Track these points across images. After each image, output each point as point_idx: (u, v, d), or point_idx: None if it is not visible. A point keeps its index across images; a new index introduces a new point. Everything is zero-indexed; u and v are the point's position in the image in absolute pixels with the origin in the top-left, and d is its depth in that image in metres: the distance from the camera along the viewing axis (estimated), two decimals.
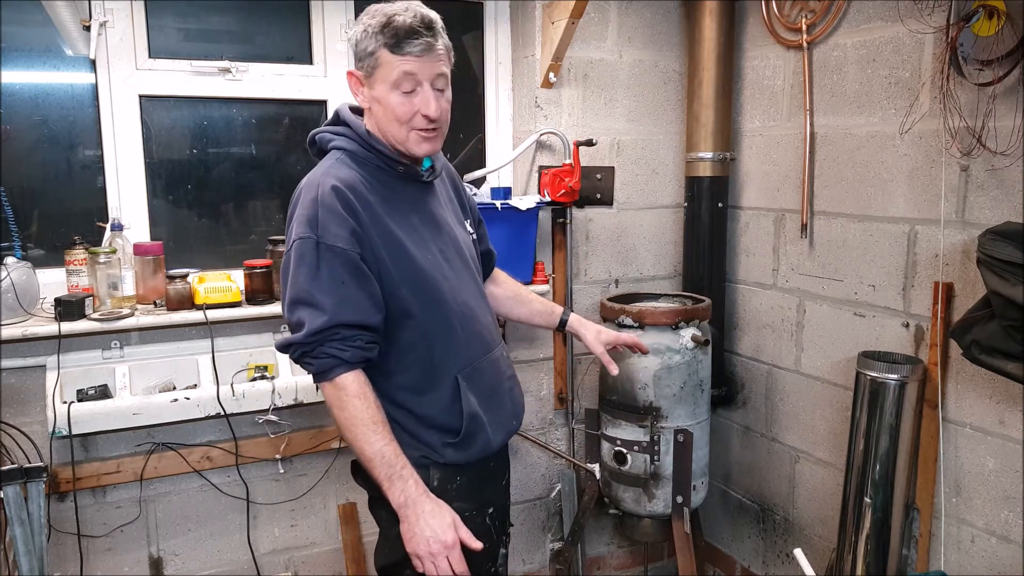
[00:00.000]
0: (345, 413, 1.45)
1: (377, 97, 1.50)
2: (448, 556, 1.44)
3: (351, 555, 2.51)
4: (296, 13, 2.45)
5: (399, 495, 1.45)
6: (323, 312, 1.43)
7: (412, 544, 1.46)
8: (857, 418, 2.18)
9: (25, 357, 2.11)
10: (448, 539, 1.45)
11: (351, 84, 1.55)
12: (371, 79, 1.50)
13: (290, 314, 1.47)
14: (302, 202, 1.48)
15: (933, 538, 2.16)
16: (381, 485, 1.46)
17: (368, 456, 1.45)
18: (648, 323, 2.34)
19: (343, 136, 1.57)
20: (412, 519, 1.45)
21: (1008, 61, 1.85)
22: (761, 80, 2.66)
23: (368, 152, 1.55)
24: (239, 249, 2.46)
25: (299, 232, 1.45)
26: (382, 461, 1.45)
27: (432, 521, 1.45)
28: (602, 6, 2.66)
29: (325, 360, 1.45)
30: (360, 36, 1.48)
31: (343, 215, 1.45)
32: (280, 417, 2.32)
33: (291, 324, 1.48)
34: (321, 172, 1.51)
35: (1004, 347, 1.78)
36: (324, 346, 1.44)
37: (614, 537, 3.02)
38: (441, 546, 1.44)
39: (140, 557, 2.31)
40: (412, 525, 1.45)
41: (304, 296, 1.44)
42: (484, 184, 2.66)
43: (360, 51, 1.49)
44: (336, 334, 1.44)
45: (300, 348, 1.46)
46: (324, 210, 1.45)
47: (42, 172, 2.25)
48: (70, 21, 2.19)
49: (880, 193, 2.26)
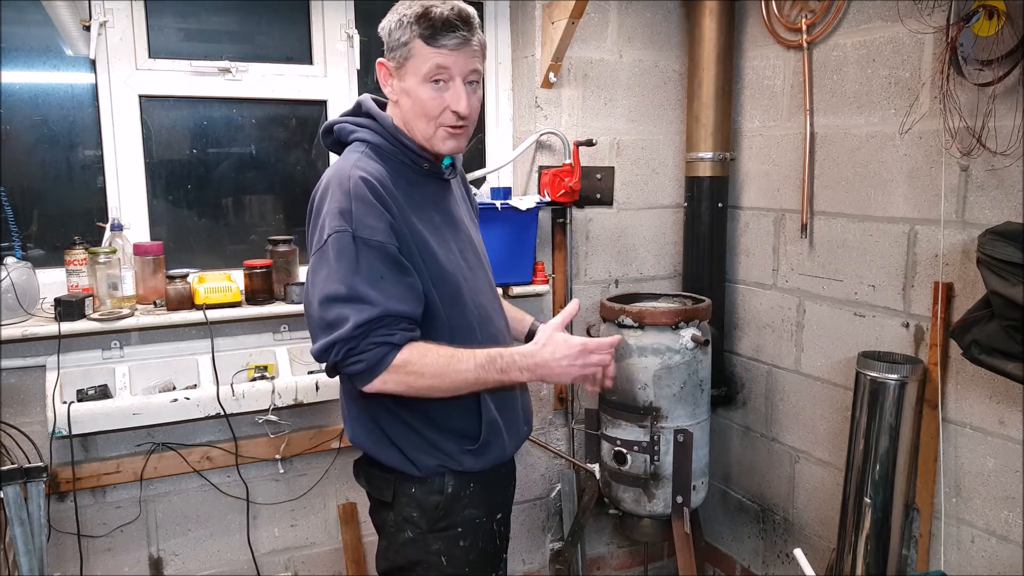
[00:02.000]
0: (423, 380, 1.39)
1: (407, 89, 1.45)
2: (590, 357, 1.45)
3: (351, 555, 2.51)
4: (296, 13, 2.45)
5: (521, 373, 1.44)
6: (369, 305, 1.35)
7: (566, 378, 1.47)
8: (857, 418, 2.18)
9: (25, 357, 2.11)
10: (579, 347, 1.45)
11: (380, 74, 1.50)
12: (402, 70, 1.45)
13: (325, 311, 1.37)
14: (332, 195, 1.40)
15: (933, 538, 2.16)
16: (502, 383, 1.45)
17: (471, 381, 1.42)
18: (648, 323, 2.34)
19: (366, 128, 1.51)
20: (550, 368, 1.44)
21: (1008, 61, 1.85)
22: (761, 80, 2.66)
23: (393, 147, 1.50)
24: (239, 249, 2.47)
25: (334, 226, 1.37)
26: (485, 372, 1.41)
27: (557, 354, 1.45)
28: (602, 6, 2.66)
29: (375, 350, 1.36)
30: (394, 25, 1.43)
31: (379, 208, 1.39)
32: (280, 417, 2.32)
33: (326, 324, 1.37)
34: (350, 164, 1.44)
35: (1004, 347, 1.78)
36: (370, 337, 1.36)
37: (614, 537, 3.02)
38: (584, 358, 1.45)
39: (140, 557, 2.31)
40: (553, 370, 1.44)
41: (345, 292, 1.36)
42: (484, 184, 2.66)
43: (393, 40, 1.44)
44: (381, 323, 1.37)
45: (345, 345, 1.36)
46: (358, 203, 1.38)
47: (42, 172, 2.25)
48: (70, 21, 2.19)
49: (880, 193, 2.26)
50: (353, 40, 2.48)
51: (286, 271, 2.35)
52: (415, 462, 1.51)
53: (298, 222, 2.56)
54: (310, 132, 2.55)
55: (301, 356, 2.36)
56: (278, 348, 2.34)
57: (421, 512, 1.52)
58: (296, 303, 2.28)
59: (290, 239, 2.37)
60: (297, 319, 2.39)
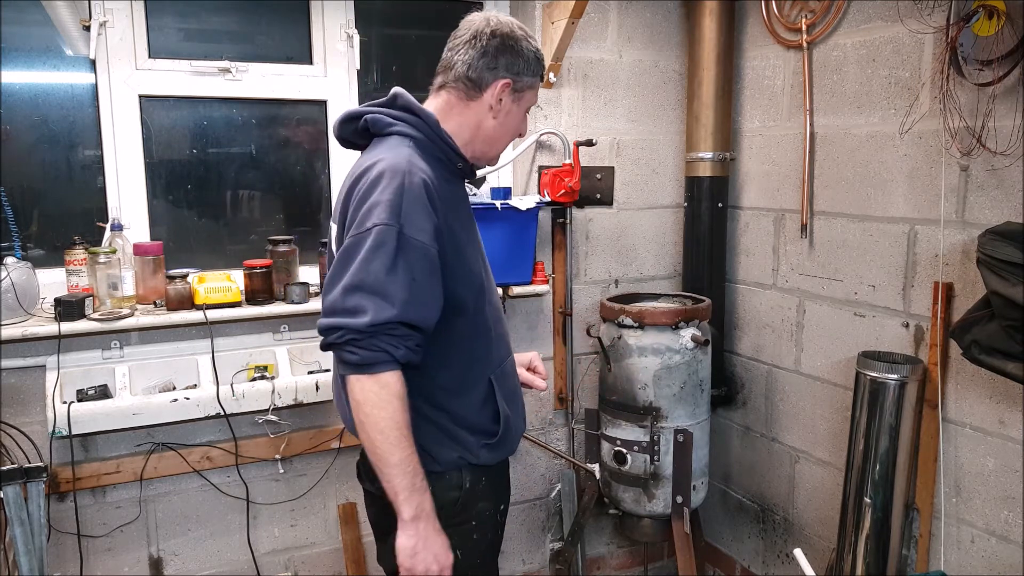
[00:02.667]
0: (383, 412, 1.37)
1: (513, 112, 1.58)
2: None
3: (351, 555, 2.51)
4: (296, 13, 2.45)
5: (416, 508, 1.40)
6: (392, 306, 1.35)
7: (413, 560, 1.41)
8: (857, 418, 2.18)
9: (25, 357, 2.11)
10: (448, 563, 1.44)
11: (499, 90, 1.53)
12: (519, 95, 1.57)
13: (345, 298, 1.37)
14: (385, 187, 1.39)
15: (933, 538, 2.16)
16: (397, 495, 1.40)
17: (393, 462, 1.38)
18: (648, 323, 2.34)
19: (406, 123, 1.51)
20: (422, 534, 1.41)
21: (1008, 61, 1.85)
22: (761, 80, 2.66)
23: (434, 144, 1.52)
24: (239, 249, 2.46)
25: (381, 219, 1.37)
26: (406, 471, 1.39)
27: (439, 539, 1.43)
28: (602, 6, 2.66)
29: (376, 353, 1.36)
30: (531, 57, 1.55)
31: (429, 209, 1.41)
32: (280, 417, 2.32)
33: (342, 309, 1.37)
34: (404, 159, 1.43)
35: (1004, 347, 1.78)
36: (378, 338, 1.36)
37: (614, 537, 3.02)
38: (441, 567, 1.42)
39: (140, 557, 2.31)
40: (420, 541, 1.41)
41: (372, 284, 1.35)
42: (484, 184, 2.66)
43: (525, 70, 1.55)
44: (394, 330, 1.36)
45: (351, 335, 1.35)
46: (410, 201, 1.39)
47: (42, 172, 2.25)
48: (70, 21, 2.19)
49: (880, 193, 2.26)
50: (353, 40, 2.48)
51: (286, 271, 2.35)
52: (435, 456, 1.53)
53: (298, 222, 2.57)
54: (310, 132, 2.55)
55: (301, 356, 2.36)
56: (278, 348, 2.34)
57: (439, 509, 1.51)
58: (296, 303, 2.28)
59: (290, 239, 2.37)
60: (297, 319, 2.39)
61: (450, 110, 1.54)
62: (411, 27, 2.64)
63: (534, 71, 1.56)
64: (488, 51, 1.50)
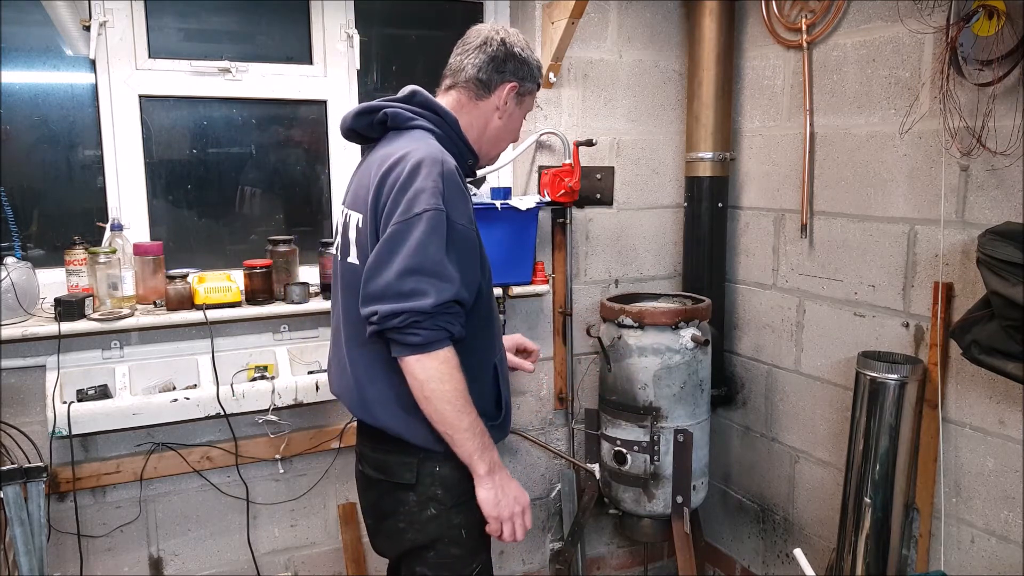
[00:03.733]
0: (449, 385, 1.48)
1: (515, 115, 1.71)
2: (524, 516, 1.60)
3: (351, 555, 2.51)
4: (296, 13, 2.45)
5: (489, 463, 1.55)
6: (452, 285, 1.45)
7: (498, 508, 1.57)
8: (857, 418, 2.18)
9: (25, 357, 2.11)
10: (526, 500, 1.61)
11: (505, 93, 1.66)
12: (522, 99, 1.70)
13: (401, 282, 1.43)
14: (427, 174, 1.46)
15: (933, 538, 2.16)
16: (472, 455, 1.53)
17: (464, 427, 1.50)
18: (648, 323, 2.34)
19: (426, 119, 1.61)
20: (499, 484, 1.57)
21: (1008, 61, 1.85)
22: (761, 80, 2.66)
23: (453, 141, 1.62)
24: (239, 249, 2.46)
25: (430, 203, 1.44)
26: (476, 431, 1.52)
27: (513, 484, 1.60)
28: (602, 6, 2.66)
29: (437, 331, 1.45)
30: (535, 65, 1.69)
31: (466, 196, 1.53)
32: (280, 417, 2.32)
33: (400, 292, 1.43)
34: (437, 149, 1.53)
35: (1004, 347, 1.78)
36: (439, 318, 1.45)
37: (614, 537, 3.02)
38: (524, 506, 1.60)
39: (140, 557, 2.31)
40: (499, 490, 1.56)
41: (431, 267, 1.43)
42: (484, 184, 2.66)
43: (526, 74, 1.67)
44: (451, 308, 1.47)
45: (414, 317, 1.42)
46: (450, 187, 1.48)
47: (42, 172, 2.25)
48: (70, 21, 2.19)
49: (880, 193, 2.26)
50: (353, 40, 2.48)
51: (286, 271, 2.35)
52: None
53: (298, 222, 2.57)
54: (310, 132, 2.55)
55: (301, 356, 2.36)
56: (278, 348, 2.34)
57: (445, 489, 1.61)
58: (296, 303, 2.28)
59: (290, 239, 2.37)
60: (297, 319, 2.39)
61: (460, 108, 1.66)
62: (411, 27, 2.64)
63: (535, 78, 1.70)
64: (498, 56, 1.63)
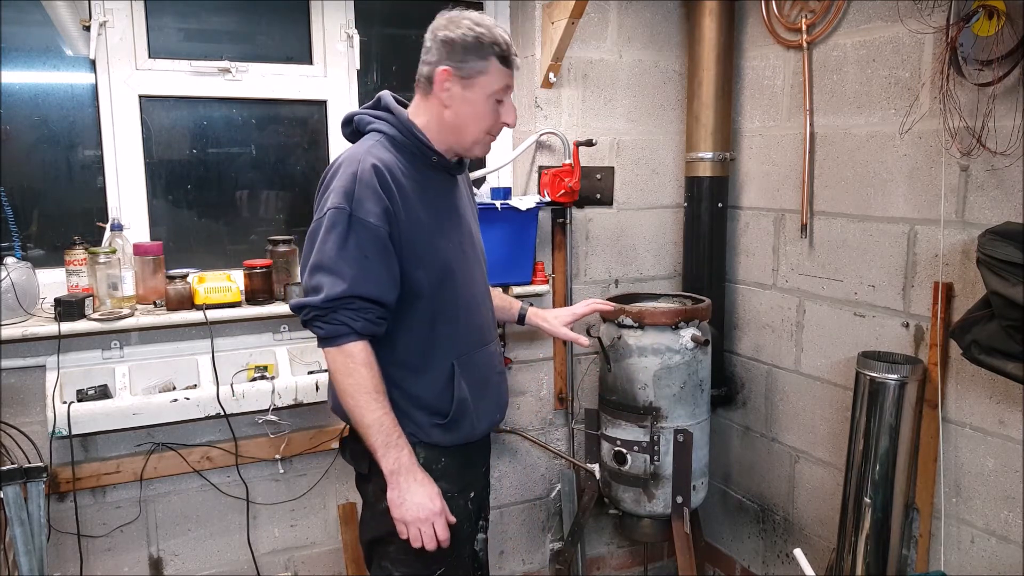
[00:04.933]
0: (351, 379, 1.51)
1: (469, 99, 1.59)
2: (433, 523, 1.54)
3: (351, 555, 2.51)
4: (296, 13, 2.45)
5: (392, 462, 1.53)
6: (343, 281, 1.49)
7: (401, 510, 1.54)
8: (857, 418, 2.18)
9: (25, 357, 2.11)
10: (435, 507, 1.55)
11: (441, 79, 1.58)
12: (469, 81, 1.58)
13: (309, 278, 1.53)
14: (341, 175, 1.54)
15: (933, 538, 2.16)
16: (376, 452, 1.53)
17: (367, 423, 1.52)
18: (648, 323, 2.34)
19: (383, 120, 1.65)
20: (403, 486, 1.53)
21: (1008, 61, 1.85)
22: (761, 80, 2.66)
23: (406, 138, 1.63)
24: (239, 249, 2.47)
25: (334, 203, 1.51)
26: (380, 429, 1.52)
27: (421, 489, 1.54)
28: (602, 6, 2.66)
29: (337, 327, 1.51)
30: (471, 41, 1.55)
31: (379, 193, 1.52)
32: (280, 417, 2.32)
33: (308, 288, 1.54)
34: (363, 150, 1.57)
35: (1004, 347, 1.78)
36: (337, 313, 1.50)
37: (614, 537, 3.02)
38: (428, 513, 1.53)
39: (140, 557, 2.31)
40: (402, 492, 1.53)
41: (327, 263, 1.50)
42: (484, 184, 2.66)
43: (468, 55, 1.56)
44: (351, 304, 1.50)
45: (313, 311, 1.52)
46: (361, 186, 1.51)
47: (42, 172, 2.25)
48: (70, 21, 2.19)
49: (880, 193, 2.26)
50: (353, 40, 2.48)
51: (286, 271, 2.35)
52: None
53: (298, 222, 2.56)
54: (310, 132, 2.55)
55: (301, 356, 2.36)
56: (278, 348, 2.34)
57: None
58: None
59: (290, 239, 2.37)
60: (297, 319, 2.38)
61: (417, 108, 1.67)
62: (411, 27, 2.64)
63: (479, 53, 1.56)
64: (432, 47, 1.60)
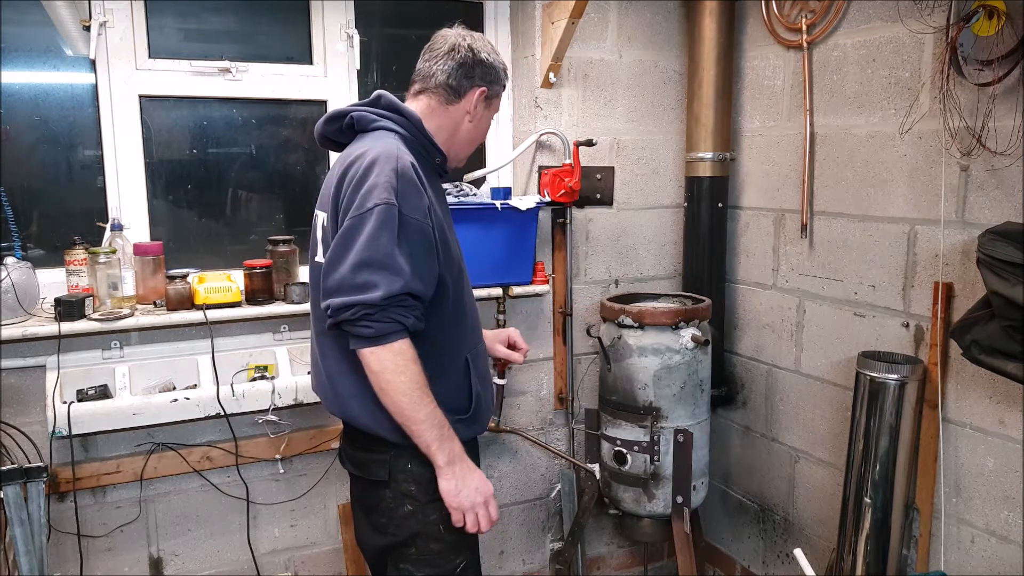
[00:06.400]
0: (404, 376, 1.49)
1: (480, 116, 1.72)
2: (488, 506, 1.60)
3: (351, 555, 2.51)
4: (296, 13, 2.45)
5: (448, 454, 1.55)
6: (401, 277, 1.46)
7: (459, 498, 1.57)
8: (857, 418, 2.18)
9: (25, 357, 2.11)
10: (490, 489, 1.61)
11: (475, 97, 1.69)
12: (488, 102, 1.73)
13: (356, 274, 1.46)
14: (380, 170, 1.50)
15: (933, 538, 2.16)
16: (430, 447, 1.54)
17: (420, 418, 1.52)
18: (648, 323, 2.34)
19: (390, 120, 1.64)
20: (459, 475, 1.57)
21: (1008, 61, 1.85)
22: (761, 80, 2.66)
23: (418, 140, 1.65)
24: (239, 249, 2.46)
25: (382, 198, 1.48)
26: (433, 423, 1.53)
27: (475, 475, 1.60)
28: (602, 6, 2.66)
29: (390, 324, 1.47)
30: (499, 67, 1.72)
31: (420, 190, 1.53)
32: (280, 417, 2.32)
33: (354, 285, 1.46)
34: (394, 147, 1.56)
35: (1004, 347, 1.78)
36: (391, 310, 1.47)
37: (614, 537, 3.02)
38: (486, 496, 1.60)
39: (140, 557, 2.31)
40: (459, 481, 1.57)
41: (383, 259, 1.46)
42: (484, 184, 2.66)
43: (493, 78, 1.71)
44: (404, 300, 1.49)
45: (365, 309, 1.45)
46: (404, 182, 1.50)
47: (42, 172, 2.25)
48: (70, 21, 2.19)
49: (880, 193, 2.26)
50: (353, 40, 2.48)
51: (286, 271, 2.35)
52: None
53: (298, 222, 2.56)
54: (310, 132, 2.54)
55: (301, 356, 2.36)
56: (278, 348, 2.34)
57: (418, 486, 1.62)
58: (296, 303, 2.28)
59: (290, 239, 2.37)
60: (297, 319, 2.39)
61: (431, 113, 1.68)
62: (411, 27, 2.64)
63: (501, 81, 1.74)
64: (466, 63, 1.66)
